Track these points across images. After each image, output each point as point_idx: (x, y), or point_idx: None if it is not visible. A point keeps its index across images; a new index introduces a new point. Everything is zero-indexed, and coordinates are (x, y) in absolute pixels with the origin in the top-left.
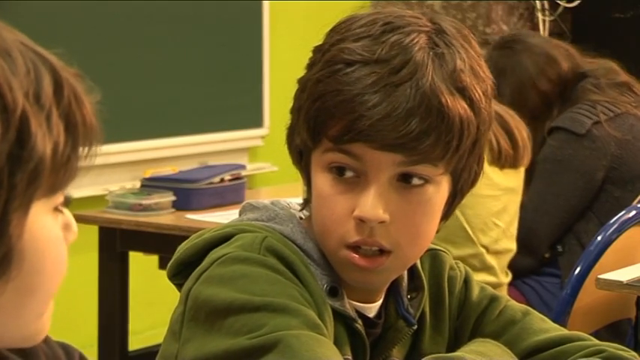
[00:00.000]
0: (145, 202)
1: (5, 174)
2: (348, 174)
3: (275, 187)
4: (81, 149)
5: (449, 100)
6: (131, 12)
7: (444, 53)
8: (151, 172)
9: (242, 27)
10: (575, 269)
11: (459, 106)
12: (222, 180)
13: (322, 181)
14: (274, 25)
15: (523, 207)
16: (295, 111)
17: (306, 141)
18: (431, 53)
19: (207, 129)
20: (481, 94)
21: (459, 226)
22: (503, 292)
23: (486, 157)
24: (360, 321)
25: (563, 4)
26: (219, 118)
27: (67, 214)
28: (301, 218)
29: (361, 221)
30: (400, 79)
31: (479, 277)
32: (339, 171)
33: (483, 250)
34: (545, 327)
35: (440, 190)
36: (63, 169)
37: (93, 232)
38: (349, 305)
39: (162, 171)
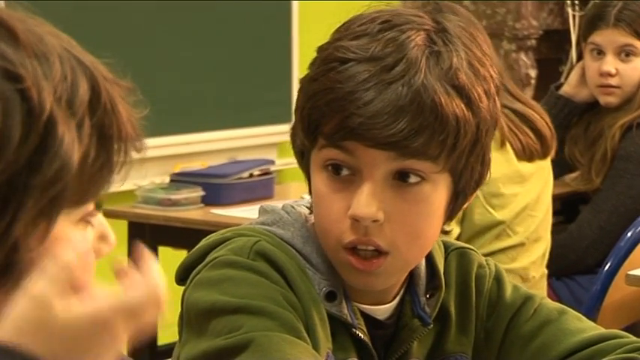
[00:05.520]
0: (174, 197)
1: (21, 179)
2: (344, 172)
3: (303, 183)
4: (115, 161)
5: (443, 99)
6: (161, 8)
7: (440, 51)
8: (180, 167)
9: (271, 23)
10: (605, 265)
11: (454, 104)
12: (251, 175)
13: (319, 180)
14: (303, 20)
15: (596, 203)
16: (295, 111)
17: (303, 141)
18: (426, 51)
19: (237, 124)
20: (481, 93)
21: (494, 221)
22: (543, 282)
23: (513, 154)
24: (360, 325)
25: None
26: (249, 114)
27: (105, 224)
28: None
29: (356, 220)
30: (393, 76)
31: (518, 266)
32: (334, 169)
33: (521, 241)
34: (581, 326)
35: (437, 189)
36: (92, 179)
37: (122, 227)
38: (349, 310)
39: (191, 166)
